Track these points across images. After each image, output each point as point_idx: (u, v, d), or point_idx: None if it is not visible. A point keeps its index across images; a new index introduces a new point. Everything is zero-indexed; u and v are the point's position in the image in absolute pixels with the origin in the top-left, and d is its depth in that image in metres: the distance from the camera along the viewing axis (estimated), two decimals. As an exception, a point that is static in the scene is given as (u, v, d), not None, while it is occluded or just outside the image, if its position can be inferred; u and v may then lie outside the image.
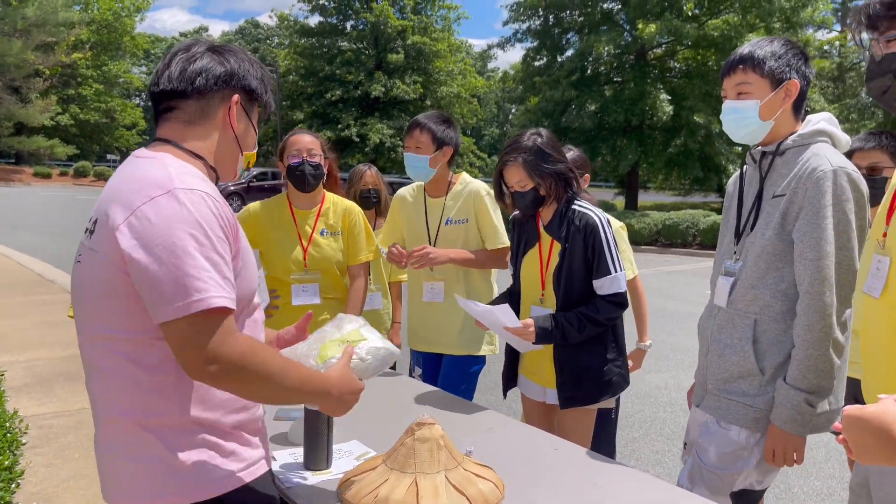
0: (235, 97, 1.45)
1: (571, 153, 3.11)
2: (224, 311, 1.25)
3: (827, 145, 1.96)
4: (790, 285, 1.94)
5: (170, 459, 1.31)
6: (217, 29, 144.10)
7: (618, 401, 3.26)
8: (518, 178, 2.49)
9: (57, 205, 24.31)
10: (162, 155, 1.37)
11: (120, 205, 1.29)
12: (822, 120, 2.00)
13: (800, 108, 2.03)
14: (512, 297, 2.68)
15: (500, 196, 2.64)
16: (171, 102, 1.43)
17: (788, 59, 1.97)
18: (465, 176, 3.06)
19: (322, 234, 3.03)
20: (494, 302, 2.68)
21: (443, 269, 2.97)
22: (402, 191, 3.20)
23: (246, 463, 1.40)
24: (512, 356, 2.70)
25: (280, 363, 1.33)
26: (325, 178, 3.05)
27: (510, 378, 2.70)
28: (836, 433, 1.20)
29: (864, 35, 1.62)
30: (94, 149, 45.04)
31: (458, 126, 3.08)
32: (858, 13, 1.59)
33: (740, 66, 1.98)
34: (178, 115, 1.43)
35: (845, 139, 2.02)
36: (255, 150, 1.54)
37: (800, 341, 1.88)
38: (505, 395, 2.75)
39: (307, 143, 3.00)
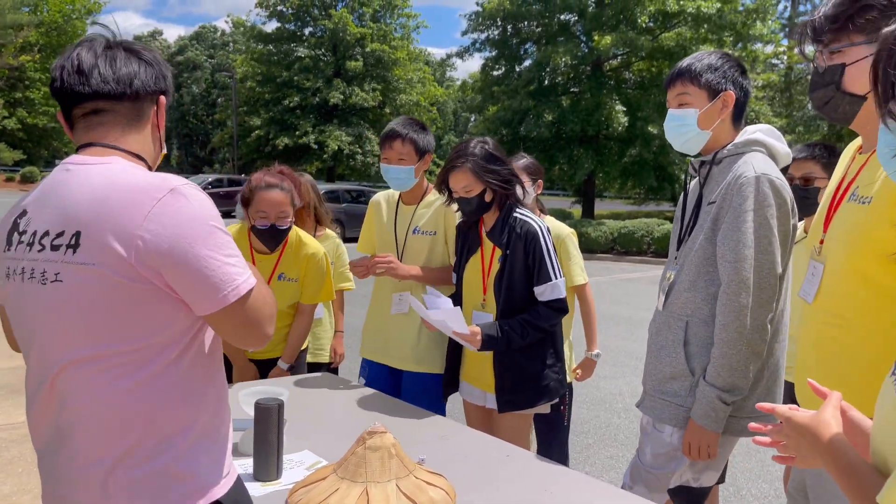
0: (162, 98, 1.45)
1: (525, 160, 3.15)
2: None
3: (760, 154, 2.03)
4: (719, 289, 2.00)
5: (169, 467, 1.29)
6: (172, 33, 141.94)
7: (569, 406, 3.30)
8: (465, 184, 2.52)
9: (2, 211, 23.51)
10: (116, 159, 1.34)
11: (118, 214, 1.23)
12: (759, 130, 2.07)
13: (739, 119, 2.11)
14: (454, 302, 2.69)
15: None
16: (101, 104, 1.37)
17: (724, 70, 2.06)
18: None
19: (280, 278, 2.90)
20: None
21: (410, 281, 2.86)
22: (378, 195, 3.11)
23: (229, 468, 1.40)
24: (453, 362, 2.72)
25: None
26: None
27: (451, 383, 2.73)
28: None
29: (809, 47, 1.69)
30: (42, 154, 43.66)
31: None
32: (804, 26, 1.66)
33: (679, 79, 2.08)
34: (113, 118, 1.38)
35: (784, 151, 2.09)
36: (164, 151, 1.54)
37: (717, 340, 1.96)
38: (446, 398, 2.77)
39: (278, 205, 2.73)
